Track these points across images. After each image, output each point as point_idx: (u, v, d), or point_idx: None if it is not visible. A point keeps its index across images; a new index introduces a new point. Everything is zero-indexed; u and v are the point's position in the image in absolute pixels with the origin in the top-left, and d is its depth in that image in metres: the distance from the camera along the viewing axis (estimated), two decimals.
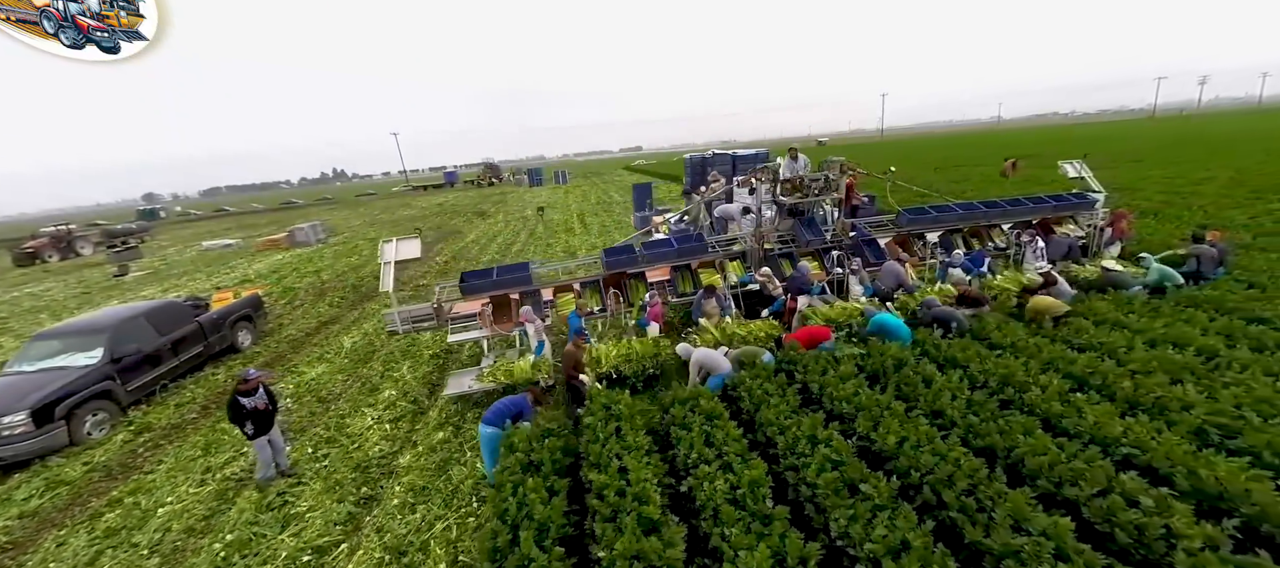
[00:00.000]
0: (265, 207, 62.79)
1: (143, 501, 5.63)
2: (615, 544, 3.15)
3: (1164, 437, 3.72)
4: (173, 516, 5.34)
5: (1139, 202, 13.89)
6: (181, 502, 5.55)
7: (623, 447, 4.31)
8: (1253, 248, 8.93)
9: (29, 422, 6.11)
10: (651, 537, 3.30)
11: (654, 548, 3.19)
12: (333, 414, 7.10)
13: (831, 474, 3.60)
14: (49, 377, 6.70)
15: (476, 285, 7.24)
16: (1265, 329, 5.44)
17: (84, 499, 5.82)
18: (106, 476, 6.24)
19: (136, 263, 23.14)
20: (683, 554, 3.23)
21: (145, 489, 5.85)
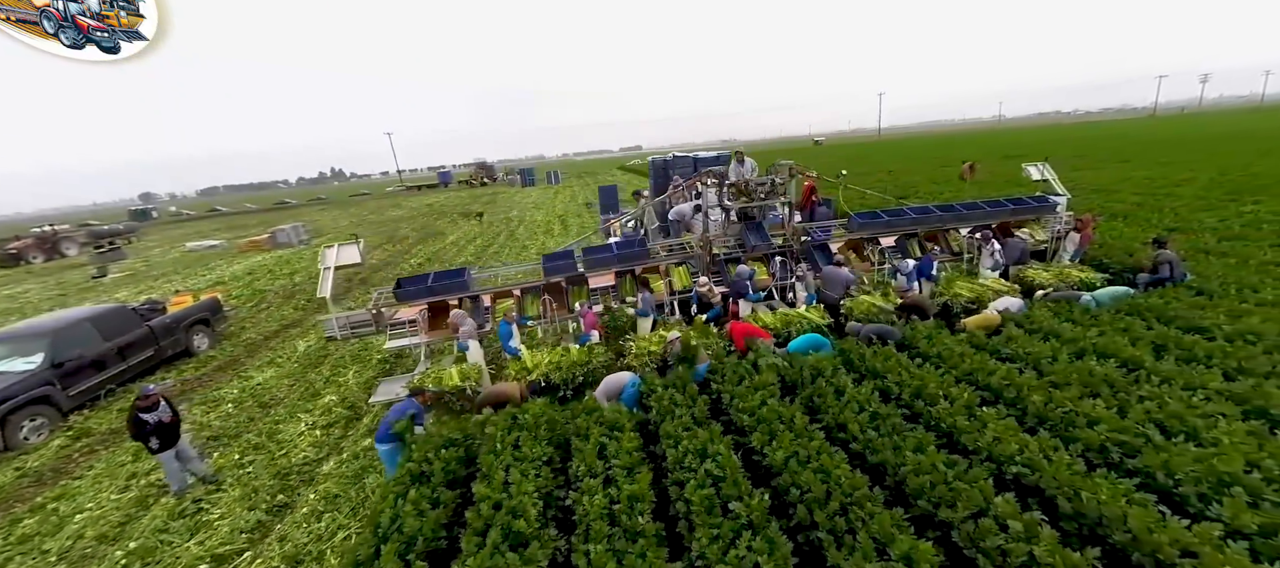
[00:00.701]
0: (258, 206, 62.99)
1: (63, 507, 5.65)
2: (468, 559, 3.14)
3: (1058, 457, 3.65)
4: (89, 522, 5.35)
5: (1113, 204, 13.83)
6: (101, 508, 5.57)
7: (516, 458, 4.30)
8: (1213, 252, 8.88)
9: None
10: (515, 552, 3.30)
11: (513, 563, 3.18)
12: (269, 420, 7.11)
13: (707, 491, 3.58)
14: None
15: (412, 292, 7.24)
16: (1199, 339, 5.37)
17: (8, 505, 5.85)
18: (36, 481, 6.27)
19: (119, 264, 23.27)
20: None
21: (70, 495, 5.87)
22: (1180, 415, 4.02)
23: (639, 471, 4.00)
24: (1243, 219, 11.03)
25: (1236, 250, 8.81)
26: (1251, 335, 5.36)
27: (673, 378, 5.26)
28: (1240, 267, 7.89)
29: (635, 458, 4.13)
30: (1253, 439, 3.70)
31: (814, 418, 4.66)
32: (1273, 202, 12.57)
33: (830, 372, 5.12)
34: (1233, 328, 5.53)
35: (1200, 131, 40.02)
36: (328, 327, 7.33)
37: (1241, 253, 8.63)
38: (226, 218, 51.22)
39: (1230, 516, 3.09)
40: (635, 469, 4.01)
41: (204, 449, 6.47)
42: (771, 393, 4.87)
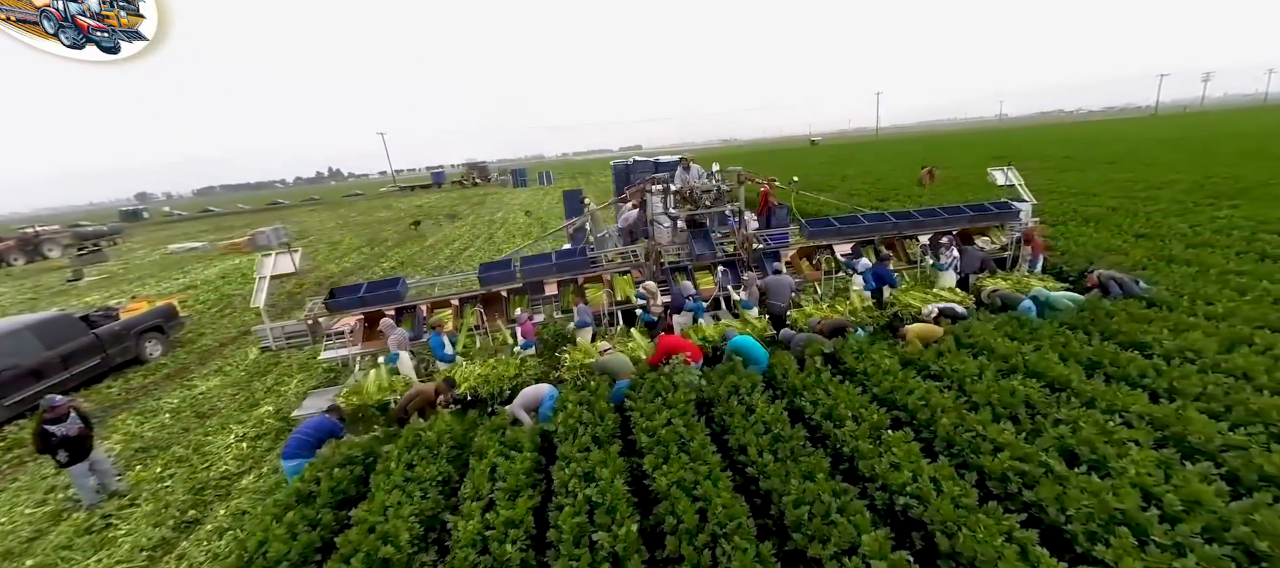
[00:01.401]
0: (250, 207, 63.13)
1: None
2: None
3: (951, 487, 3.49)
4: None
5: (1088, 208, 13.69)
6: (12, 524, 5.52)
7: (408, 478, 4.24)
8: (1178, 260, 8.75)
9: None
10: None
11: None
12: (201, 431, 7.06)
13: (581, 518, 3.51)
14: None
15: (344, 302, 7.19)
16: (1137, 356, 5.25)
17: None
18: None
19: (97, 267, 23.28)
20: None
21: None
22: (1091, 442, 3.90)
23: (525, 494, 3.93)
24: (1214, 225, 10.91)
25: (1201, 258, 8.68)
26: (1191, 352, 5.27)
27: (586, 394, 5.19)
28: (1200, 276, 7.78)
29: (523, 480, 4.07)
30: (1160, 471, 3.58)
31: (720, 439, 4.59)
32: (1250, 206, 12.44)
33: (748, 388, 5.04)
34: (1173, 344, 5.43)
35: (1197, 131, 39.78)
36: (263, 336, 7.28)
37: (1205, 261, 8.50)
38: (217, 218, 51.32)
39: (1114, 558, 2.97)
40: (521, 492, 3.95)
41: (129, 462, 6.43)
42: (682, 412, 4.79)
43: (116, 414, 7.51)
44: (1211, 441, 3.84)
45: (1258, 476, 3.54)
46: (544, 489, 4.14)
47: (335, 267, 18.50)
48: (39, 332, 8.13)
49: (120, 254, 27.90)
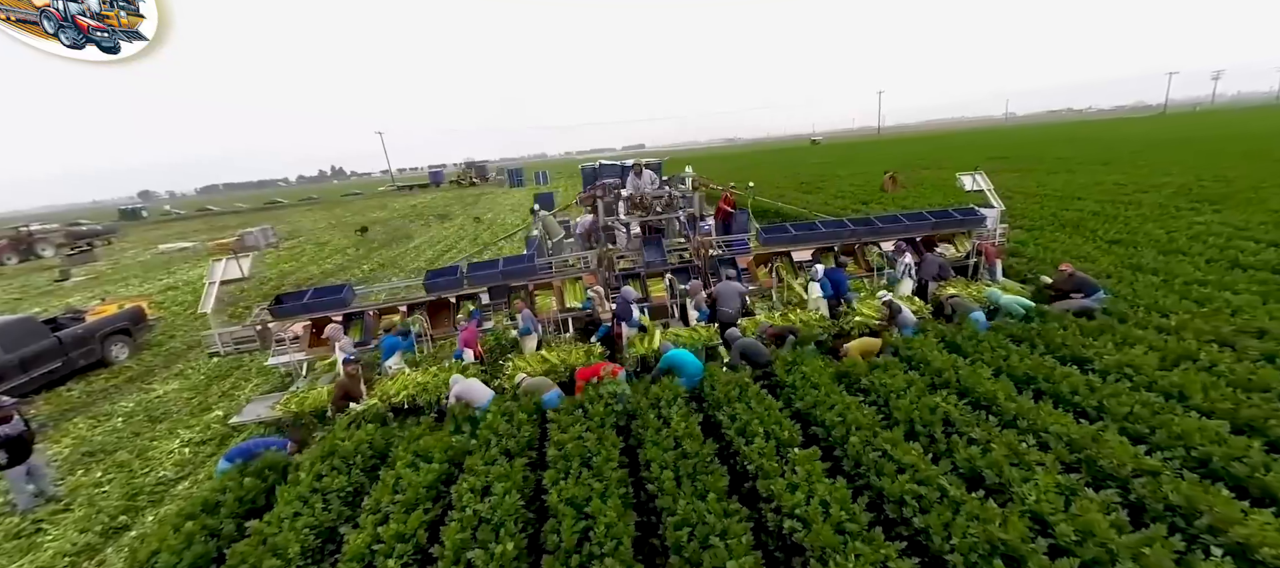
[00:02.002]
0: (248, 206, 63.65)
1: None
2: None
3: (838, 511, 3.44)
4: None
5: (1068, 212, 13.56)
6: None
7: (316, 488, 4.28)
8: (1146, 268, 8.65)
9: None
10: None
11: None
12: (149, 436, 7.15)
13: (463, 535, 3.52)
14: None
15: (290, 308, 7.25)
16: (1074, 372, 5.17)
17: None
18: None
19: (86, 267, 23.57)
20: None
21: None
22: (999, 464, 3.83)
23: (423, 507, 3.96)
24: (1191, 231, 10.79)
25: (1169, 266, 8.58)
26: (1131, 369, 5.20)
27: (509, 405, 5.21)
28: (1163, 286, 7.69)
29: (424, 494, 4.09)
30: (1059, 498, 3.49)
31: (635, 453, 4.58)
32: (1232, 210, 12.31)
33: (669, 402, 5.04)
34: (1114, 360, 5.36)
35: (1201, 131, 39.30)
36: (210, 341, 7.36)
37: (1174, 270, 8.40)
38: (213, 218, 51.75)
39: None
40: (419, 505, 3.97)
41: (74, 466, 6.52)
42: (599, 425, 4.79)
43: (52, 429, 7.51)
44: (1124, 466, 3.75)
45: (1163, 505, 3.47)
46: (448, 503, 4.16)
47: (317, 268, 18.64)
48: (0, 334, 8.26)
49: (112, 254, 28.23)
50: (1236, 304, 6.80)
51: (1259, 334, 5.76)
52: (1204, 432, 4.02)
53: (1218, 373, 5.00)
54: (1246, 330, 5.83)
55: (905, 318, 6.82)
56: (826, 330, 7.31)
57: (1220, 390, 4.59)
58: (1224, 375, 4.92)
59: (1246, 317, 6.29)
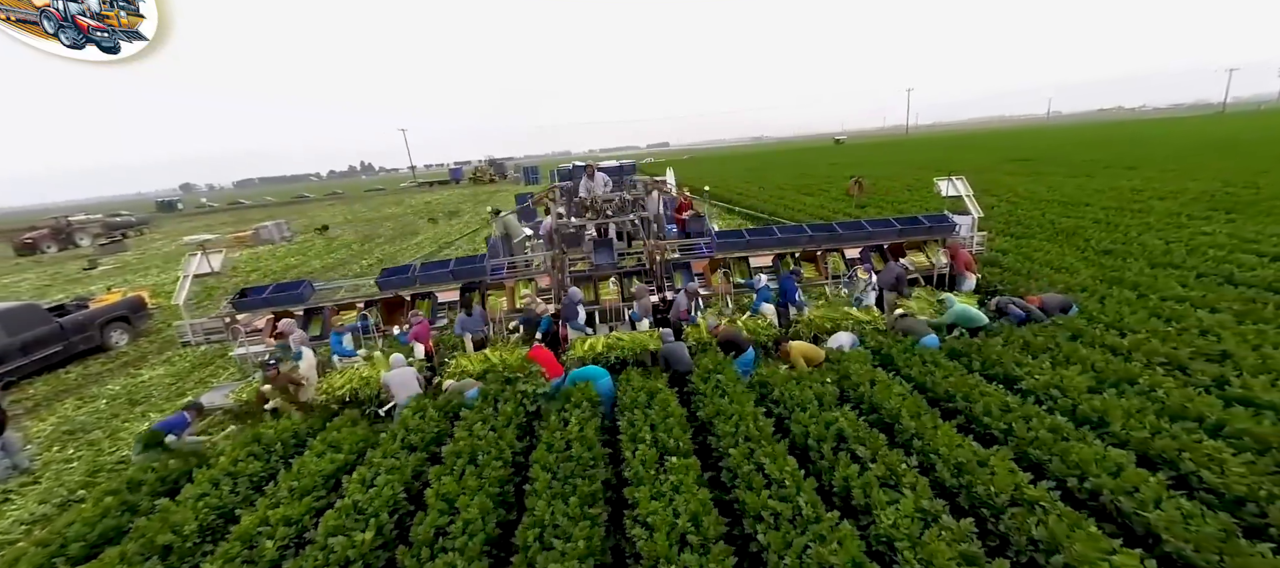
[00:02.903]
0: (277, 200, 66.53)
1: None
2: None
3: (682, 524, 3.46)
4: None
5: (1068, 219, 13.06)
6: None
7: (231, 472, 4.61)
8: (1127, 282, 8.30)
9: None
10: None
11: None
12: (125, 418, 7.72)
13: (338, 522, 3.77)
14: None
15: (251, 302, 7.71)
16: (994, 392, 4.94)
17: None
18: None
19: (115, 257, 25.20)
20: None
21: None
22: (867, 486, 3.81)
23: (314, 494, 4.24)
24: (1193, 242, 10.29)
25: (1154, 281, 8.22)
26: (1057, 390, 5.07)
27: (426, 400, 5.47)
28: (1137, 301, 7.39)
29: (320, 481, 4.37)
30: (918, 524, 3.41)
31: (524, 459, 4.75)
32: (1249, 220, 11.65)
33: (577, 403, 5.20)
34: (1045, 380, 5.22)
35: (1256, 132, 36.90)
36: (181, 331, 7.89)
37: (1157, 284, 8.04)
38: (242, 211, 54.37)
39: None
40: (311, 491, 4.25)
41: (56, 443, 7.11)
42: (506, 423, 4.99)
43: (24, 417, 8.10)
44: (1000, 494, 3.66)
45: (1026, 538, 3.41)
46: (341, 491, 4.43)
47: (319, 262, 19.47)
48: (3, 320, 9.03)
49: (142, 245, 30.07)
50: (1209, 323, 6.49)
51: (1220, 358, 5.52)
52: (1105, 462, 3.88)
53: (1154, 398, 4.79)
54: (1207, 353, 5.58)
55: (841, 340, 6.73)
56: (772, 338, 7.33)
57: (1146, 418, 4.42)
58: (1157, 402, 4.72)
59: (1212, 339, 6.00)
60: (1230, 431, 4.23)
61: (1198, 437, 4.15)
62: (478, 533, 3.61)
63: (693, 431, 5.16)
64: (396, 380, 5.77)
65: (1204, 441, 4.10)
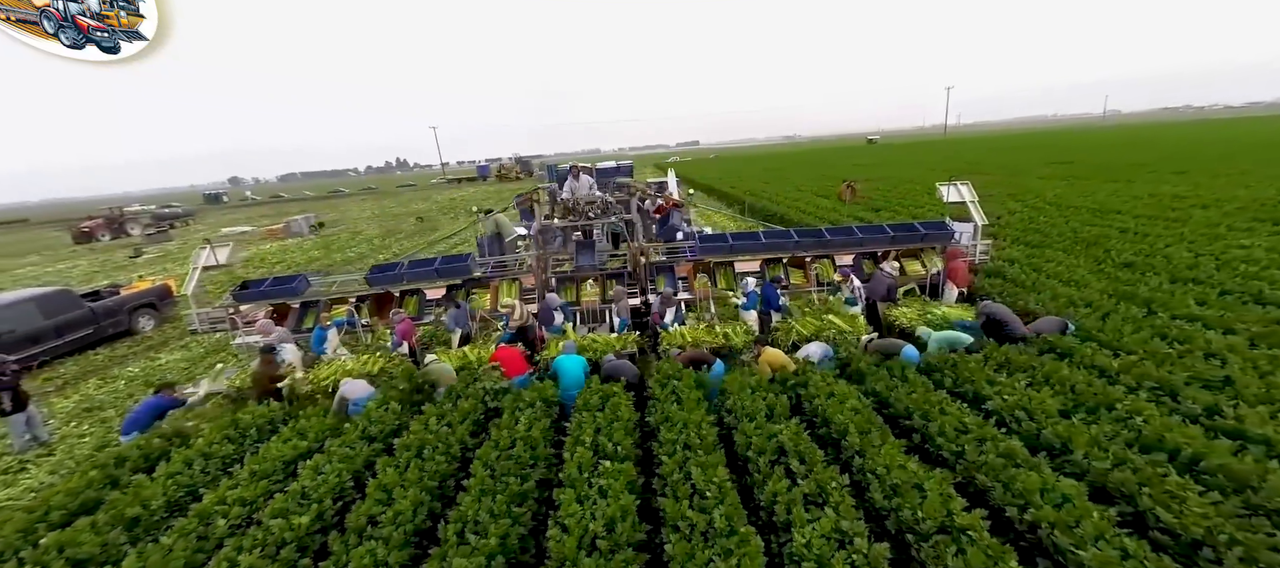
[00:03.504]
0: (315, 194, 69.66)
1: None
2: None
3: (594, 527, 3.53)
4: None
5: (1094, 228, 12.39)
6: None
7: (207, 453, 4.97)
8: (1139, 299, 7.85)
9: None
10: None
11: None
12: (138, 398, 8.33)
13: (284, 503, 4.03)
14: None
15: (250, 295, 8.20)
16: (958, 412, 4.79)
17: None
18: None
19: (159, 246, 26.99)
20: None
21: None
22: (791, 503, 3.73)
23: (272, 478, 4.52)
24: (1225, 257, 9.64)
25: (1171, 300, 7.74)
26: (1022, 412, 4.86)
27: (393, 393, 5.72)
28: (1144, 319, 6.99)
29: (279, 467, 4.66)
30: (832, 545, 3.37)
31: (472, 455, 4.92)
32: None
33: (529, 403, 5.34)
34: (1013, 401, 4.98)
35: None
36: (190, 320, 8.46)
37: (1171, 303, 7.56)
38: (281, 205, 57.15)
39: None
40: (268, 476, 4.54)
41: (75, 418, 7.77)
42: (461, 420, 5.19)
43: (51, 394, 8.83)
44: (926, 521, 3.55)
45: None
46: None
47: (340, 255, 20.36)
48: (41, 304, 9.89)
49: (187, 235, 32.07)
50: (1219, 346, 6.08)
51: (1221, 384, 5.18)
52: (1051, 493, 3.70)
53: (1131, 426, 4.54)
54: (1206, 379, 5.23)
55: (812, 349, 6.62)
56: (747, 346, 7.27)
57: (1113, 447, 4.20)
58: (1134, 430, 4.49)
59: (1216, 363, 5.62)
60: (1207, 466, 3.97)
61: (1165, 471, 3.93)
62: (406, 523, 3.79)
63: (643, 436, 5.25)
64: (349, 390, 6.04)
65: (1171, 475, 3.89)
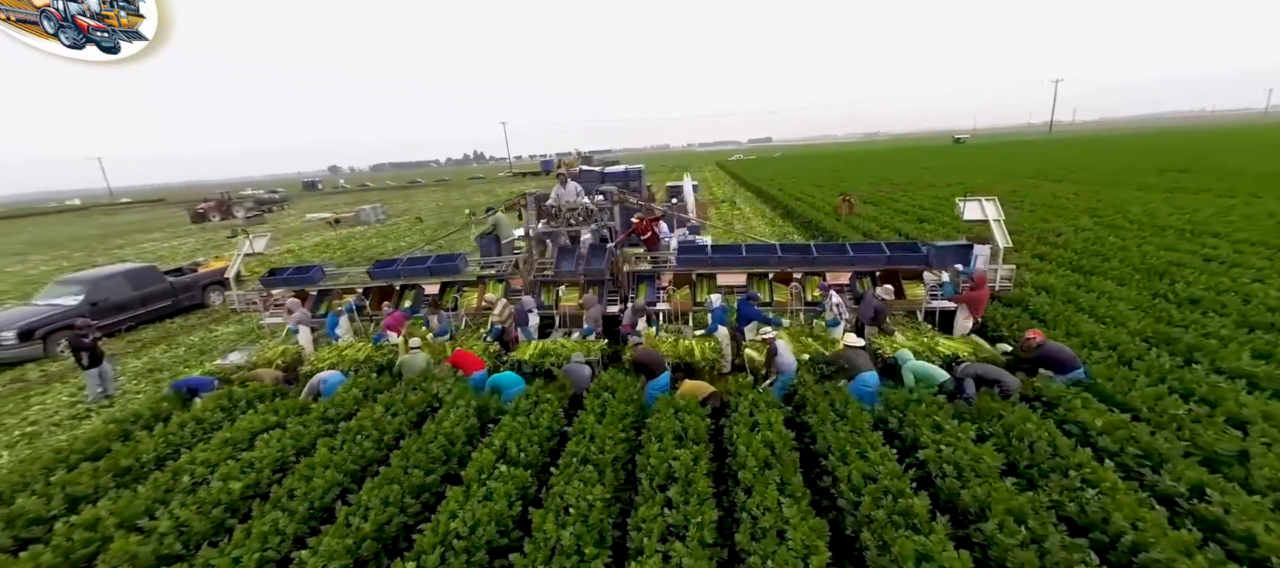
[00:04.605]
0: (395, 184, 76.04)
1: (35, 400, 8.76)
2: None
3: (457, 525, 3.80)
4: (40, 412, 8.32)
5: (1180, 252, 10.80)
6: (45, 408, 8.51)
7: (199, 419, 5.89)
8: (1179, 344, 6.86)
9: (15, 338, 9.81)
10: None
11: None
12: (187, 363, 9.84)
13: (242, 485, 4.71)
14: (41, 310, 10.53)
15: (275, 281, 9.36)
16: (882, 459, 4.43)
17: (24, 393, 9.22)
18: (43, 379, 9.66)
19: (254, 227, 30.93)
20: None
21: (38, 391, 9.04)
22: (649, 535, 3.73)
23: (233, 446, 5.29)
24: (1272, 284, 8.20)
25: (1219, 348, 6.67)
26: (948, 465, 4.46)
27: (362, 382, 6.40)
28: (1178, 370, 6.10)
29: (245, 436, 5.42)
30: None
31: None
32: None
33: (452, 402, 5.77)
34: (947, 453, 4.61)
35: None
36: (231, 301, 9.83)
37: (1222, 354, 6.46)
38: (367, 193, 63.01)
39: None
40: (232, 444, 5.31)
41: (138, 377, 9.33)
42: (405, 412, 5.72)
43: (121, 355, 10.55)
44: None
45: None
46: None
47: (393, 245, 22.29)
48: (130, 277, 11.90)
49: (279, 219, 36.48)
50: (1253, 412, 5.10)
51: (1234, 459, 4.45)
52: (929, 564, 3.40)
53: (1081, 500, 4.00)
54: (1216, 452, 4.47)
55: (784, 362, 6.46)
56: (712, 363, 7.24)
57: (1037, 521, 3.72)
58: (1080, 502, 3.99)
59: (1235, 435, 4.77)
60: (1146, 559, 3.46)
61: (1082, 558, 3.51)
62: (316, 499, 4.33)
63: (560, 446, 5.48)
64: (320, 378, 6.77)
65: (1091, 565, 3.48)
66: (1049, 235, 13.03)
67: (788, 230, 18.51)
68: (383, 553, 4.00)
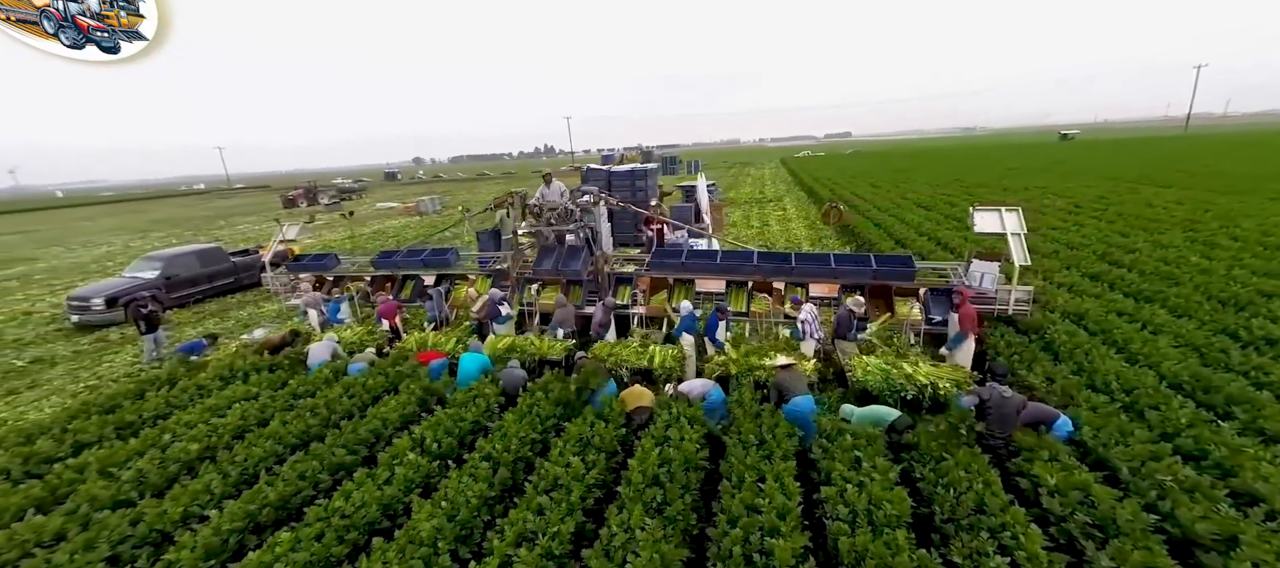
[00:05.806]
0: (466, 176, 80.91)
1: (107, 356, 10.45)
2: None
3: (369, 513, 4.20)
4: (108, 369, 9.93)
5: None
6: (112, 366, 10.14)
7: (201, 385, 6.82)
8: (1213, 394, 5.84)
9: (103, 305, 11.74)
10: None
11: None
12: (230, 336, 11.27)
13: (226, 440, 5.46)
14: (125, 282, 12.50)
15: (298, 266, 10.46)
16: (779, 503, 4.26)
17: (96, 354, 11.00)
18: (121, 340, 11.47)
19: (332, 213, 34.34)
20: None
21: (112, 350, 10.75)
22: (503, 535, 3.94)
23: (213, 412, 6.08)
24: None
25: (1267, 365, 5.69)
26: (843, 506, 4.17)
27: (336, 365, 7.07)
28: (1182, 425, 5.26)
29: (224, 403, 6.22)
30: None
31: None
32: None
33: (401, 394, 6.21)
34: (852, 495, 4.29)
35: None
36: (266, 280, 11.13)
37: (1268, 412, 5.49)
38: (440, 183, 67.55)
39: None
40: (211, 410, 6.11)
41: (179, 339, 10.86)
42: (360, 393, 6.29)
43: (180, 325, 12.21)
44: None
45: None
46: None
47: (436, 234, 23.87)
48: (199, 256, 13.78)
49: (355, 206, 40.16)
50: (1249, 480, 4.30)
51: (1220, 547, 3.82)
52: None
53: (974, 557, 3.66)
54: (1192, 535, 3.85)
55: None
56: (671, 372, 7.20)
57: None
58: (980, 555, 3.65)
59: (1199, 508, 4.06)
60: None
61: None
62: (247, 468, 4.92)
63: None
64: (316, 349, 7.51)
65: None
66: (1115, 252, 11.49)
67: (824, 236, 17.67)
68: (282, 523, 4.44)
